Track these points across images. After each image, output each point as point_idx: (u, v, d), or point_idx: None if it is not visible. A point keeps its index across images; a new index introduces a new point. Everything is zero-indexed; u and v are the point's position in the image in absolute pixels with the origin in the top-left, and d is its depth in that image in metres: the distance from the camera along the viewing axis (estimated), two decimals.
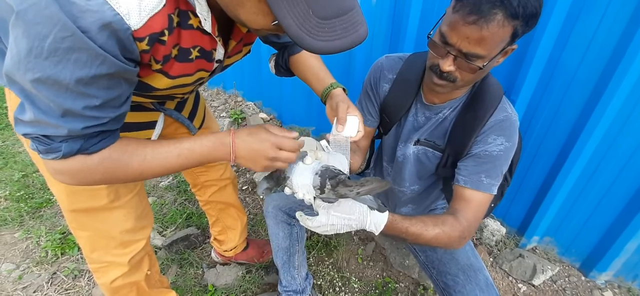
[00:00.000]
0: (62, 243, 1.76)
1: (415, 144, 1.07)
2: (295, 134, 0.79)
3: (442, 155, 1.04)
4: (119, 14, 0.52)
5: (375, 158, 1.36)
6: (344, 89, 0.97)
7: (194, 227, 1.84)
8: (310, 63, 1.01)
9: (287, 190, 0.85)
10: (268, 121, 2.62)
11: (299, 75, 1.04)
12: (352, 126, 0.88)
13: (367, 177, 0.96)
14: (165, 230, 1.86)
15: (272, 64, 1.10)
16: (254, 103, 2.80)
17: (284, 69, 1.07)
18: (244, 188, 2.15)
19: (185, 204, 2.03)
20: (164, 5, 0.57)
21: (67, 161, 0.62)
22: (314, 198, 0.82)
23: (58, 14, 0.48)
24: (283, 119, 2.62)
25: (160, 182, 2.19)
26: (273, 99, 2.64)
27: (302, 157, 0.83)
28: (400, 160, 1.13)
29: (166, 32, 0.60)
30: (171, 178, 2.21)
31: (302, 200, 0.84)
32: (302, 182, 0.81)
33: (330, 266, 1.68)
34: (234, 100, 2.92)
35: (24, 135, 0.60)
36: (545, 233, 1.65)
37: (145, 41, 0.57)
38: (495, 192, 0.96)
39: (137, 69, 0.62)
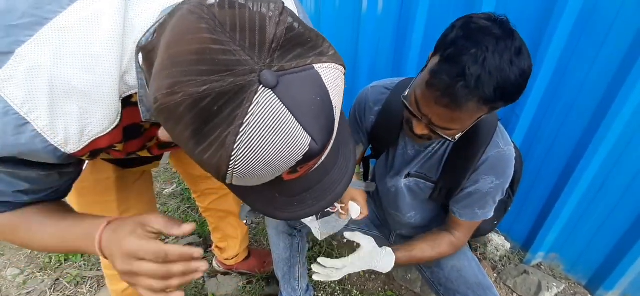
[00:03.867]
0: None
1: (406, 177, 1.06)
2: (191, 227, 0.54)
3: (435, 186, 1.02)
4: (52, 144, 0.49)
5: (371, 179, 1.35)
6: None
7: (196, 236, 1.85)
8: None
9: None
10: None
11: None
12: (353, 211, 1.05)
13: (352, 182, 0.98)
14: (168, 238, 1.86)
15: None
16: None
17: None
18: None
19: (189, 212, 2.04)
20: (116, 126, 0.53)
21: None
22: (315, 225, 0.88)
23: None
24: None
25: (165, 189, 2.21)
26: None
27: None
28: (392, 191, 1.12)
29: (117, 145, 0.58)
30: (175, 185, 2.22)
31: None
32: None
33: None
34: None
35: None
36: (550, 249, 1.62)
37: (86, 155, 0.55)
38: (490, 216, 1.00)
39: (75, 168, 0.60)
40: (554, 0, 1.20)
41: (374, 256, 1.00)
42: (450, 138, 0.81)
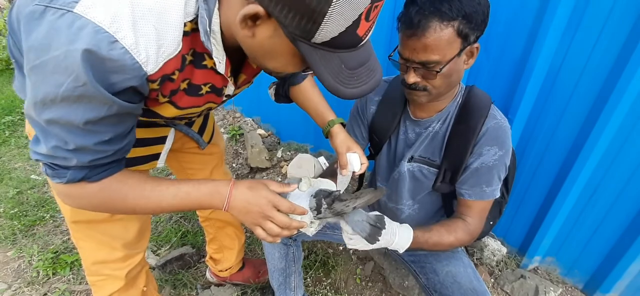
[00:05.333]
0: (54, 263, 1.73)
1: (409, 161, 1.07)
2: (294, 187, 0.84)
3: (438, 171, 1.03)
4: (138, 62, 0.55)
5: (370, 180, 1.35)
6: (342, 123, 1.04)
7: (189, 246, 1.81)
8: (309, 95, 1.08)
9: None
10: (266, 137, 2.61)
11: (299, 105, 1.10)
12: (354, 163, 0.99)
13: (362, 190, 0.97)
14: (160, 249, 1.82)
15: (271, 92, 1.14)
16: (252, 119, 2.79)
17: (284, 97, 1.12)
18: None
19: (181, 222, 2.00)
20: (180, 50, 0.61)
21: (70, 186, 0.66)
22: (311, 223, 0.86)
23: (74, 65, 0.51)
24: (281, 135, 2.61)
25: None
26: (271, 115, 2.64)
27: (296, 183, 0.87)
28: (395, 178, 1.12)
29: (177, 72, 0.64)
30: None
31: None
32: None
33: (327, 287, 1.64)
34: (232, 116, 2.92)
35: (36, 160, 0.65)
36: (547, 253, 1.61)
37: (157, 82, 0.62)
38: (498, 195, 1.00)
39: (143, 104, 0.66)
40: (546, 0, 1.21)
41: (390, 227, 0.92)
42: (438, 70, 0.84)
